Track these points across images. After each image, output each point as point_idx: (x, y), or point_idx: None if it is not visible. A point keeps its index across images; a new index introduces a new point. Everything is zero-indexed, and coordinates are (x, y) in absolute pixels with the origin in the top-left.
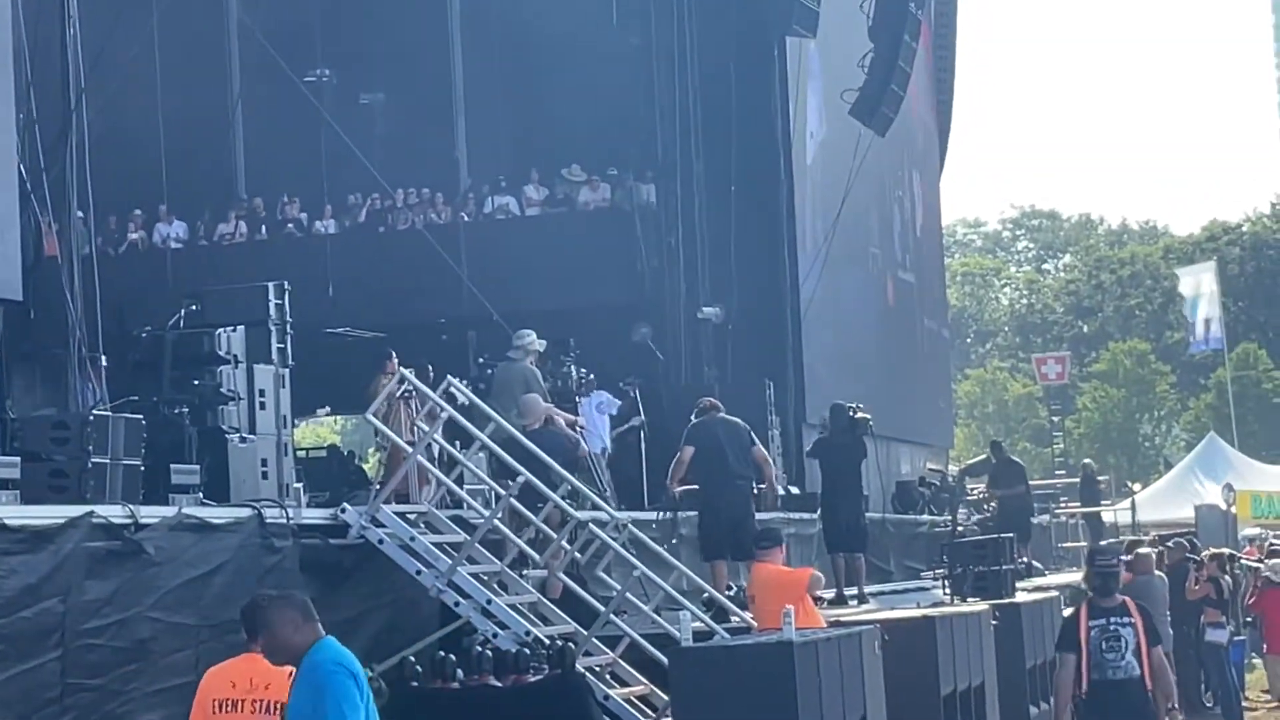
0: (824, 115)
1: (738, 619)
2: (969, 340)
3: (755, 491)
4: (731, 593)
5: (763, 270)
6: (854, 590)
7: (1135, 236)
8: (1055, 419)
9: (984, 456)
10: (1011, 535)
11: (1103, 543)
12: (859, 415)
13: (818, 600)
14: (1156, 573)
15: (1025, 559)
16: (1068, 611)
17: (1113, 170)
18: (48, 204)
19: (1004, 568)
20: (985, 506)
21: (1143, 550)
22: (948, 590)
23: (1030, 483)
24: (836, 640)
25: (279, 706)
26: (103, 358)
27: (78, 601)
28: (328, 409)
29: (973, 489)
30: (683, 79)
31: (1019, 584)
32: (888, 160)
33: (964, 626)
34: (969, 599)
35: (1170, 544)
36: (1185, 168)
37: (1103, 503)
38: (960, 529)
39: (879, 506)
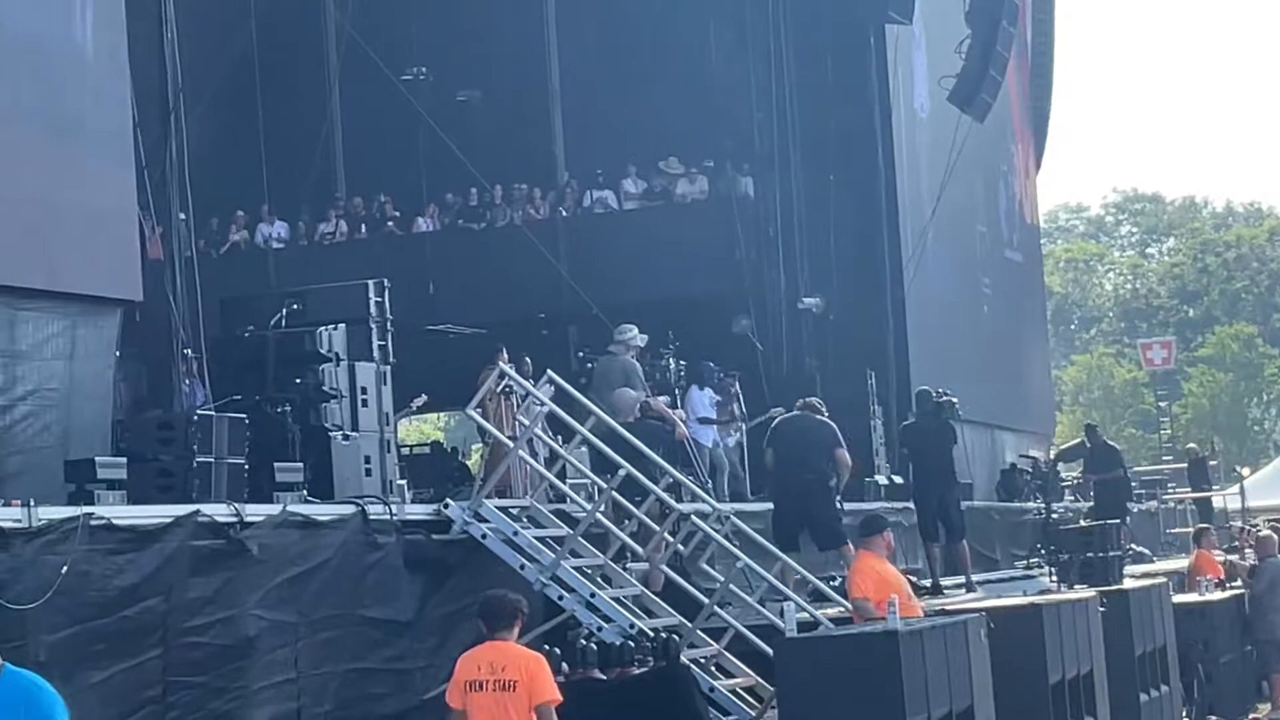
0: (931, 96)
1: (840, 609)
2: (1073, 327)
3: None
4: (835, 583)
5: (863, 259)
6: (960, 579)
7: (1240, 218)
8: (1162, 404)
9: (1078, 441)
10: (1117, 521)
11: None
12: (944, 399)
13: (916, 589)
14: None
15: (1132, 545)
16: None
17: (1217, 152)
18: (150, 207)
19: (1111, 554)
20: (1085, 493)
21: (1264, 533)
22: (1054, 578)
23: (1129, 467)
24: (942, 629)
25: (512, 684)
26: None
27: (181, 599)
28: (424, 398)
29: (1070, 476)
30: (779, 69)
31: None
32: (992, 135)
33: (1071, 614)
34: (1076, 586)
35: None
36: None
37: (1212, 488)
38: (1055, 516)
39: (984, 494)
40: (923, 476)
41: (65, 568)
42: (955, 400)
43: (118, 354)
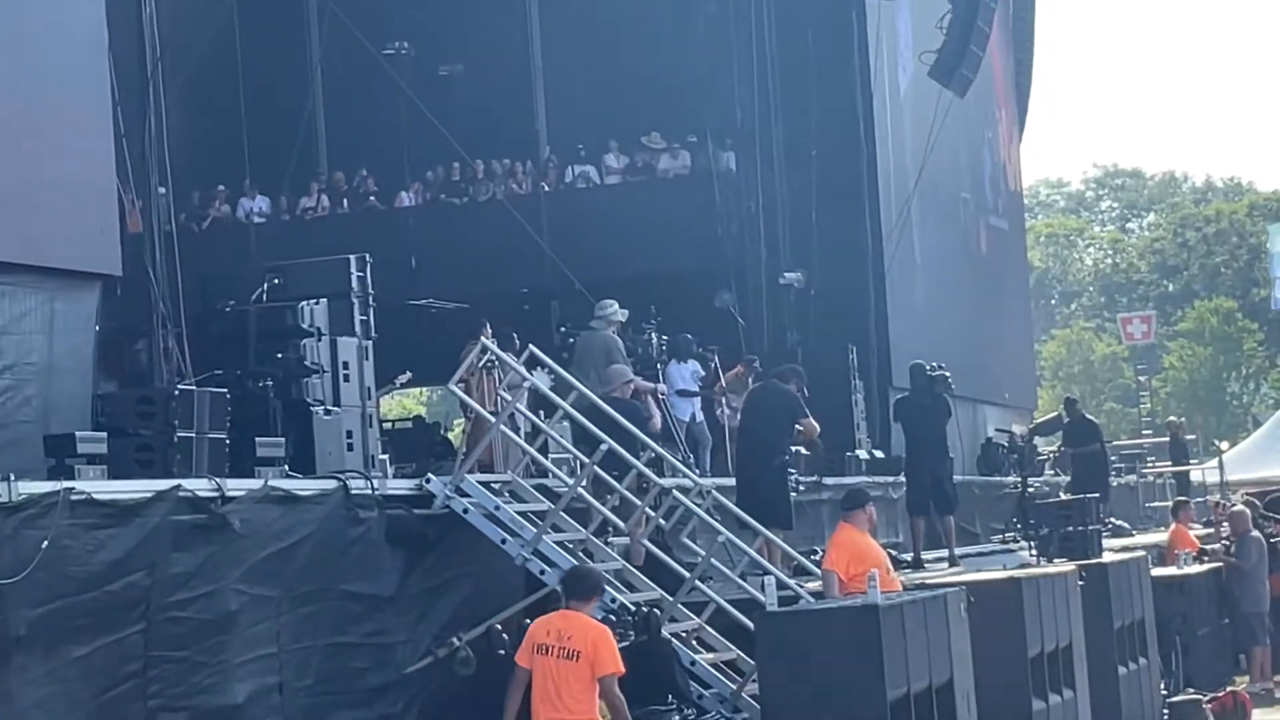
0: (914, 68)
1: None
2: (1053, 301)
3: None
4: (816, 557)
5: (844, 234)
6: (943, 553)
7: (1220, 193)
8: (1142, 379)
9: (1054, 415)
10: (1096, 495)
11: None
12: (938, 374)
13: (897, 563)
14: (1254, 532)
15: (1110, 519)
16: None
17: (1197, 127)
18: (130, 180)
19: (1090, 528)
20: (1065, 467)
21: (1237, 508)
22: (1034, 551)
23: (1108, 441)
24: (922, 603)
25: (576, 654)
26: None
27: (164, 574)
28: (408, 374)
29: (1049, 450)
30: (761, 44)
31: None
32: (976, 102)
33: (1050, 587)
34: (1055, 560)
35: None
36: (1270, 123)
37: (1190, 462)
38: (1031, 490)
39: (964, 468)
40: (915, 451)
41: (46, 543)
42: (949, 375)
43: (97, 328)
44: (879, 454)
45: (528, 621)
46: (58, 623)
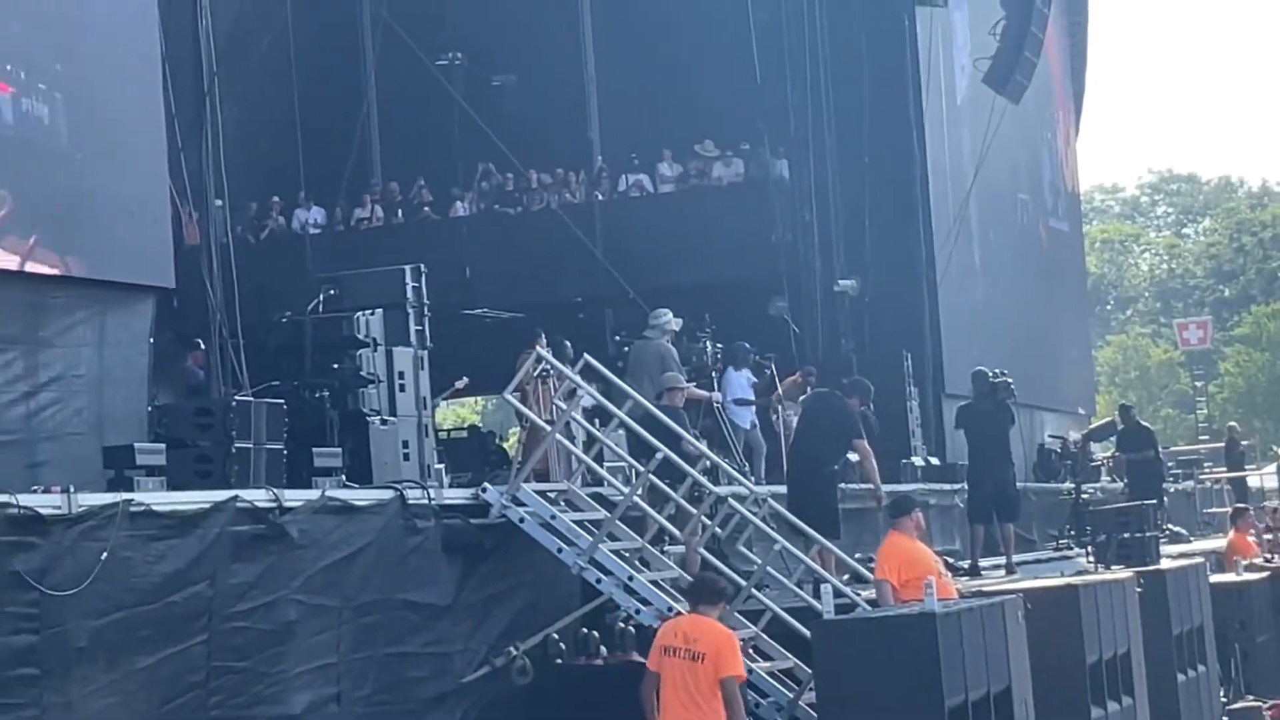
0: (971, 71)
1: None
2: (1109, 307)
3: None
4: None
5: (898, 240)
6: (999, 560)
7: (1276, 198)
8: (1198, 384)
9: (1108, 420)
10: (1154, 501)
11: None
12: (1000, 380)
13: (954, 569)
14: None
15: (1167, 526)
16: None
17: (1252, 131)
18: (187, 193)
19: (1148, 534)
20: (1120, 473)
21: None
22: (1091, 558)
23: (1164, 447)
24: (979, 610)
25: (701, 655)
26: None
27: (225, 585)
28: (465, 379)
29: (1103, 456)
30: (813, 51)
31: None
32: (1035, 100)
33: (1108, 594)
34: (1113, 567)
35: None
36: None
37: (1247, 467)
38: (1085, 496)
39: (1021, 475)
40: (978, 458)
41: (105, 554)
42: (1011, 381)
43: (151, 340)
44: (934, 461)
45: (584, 630)
46: (120, 633)
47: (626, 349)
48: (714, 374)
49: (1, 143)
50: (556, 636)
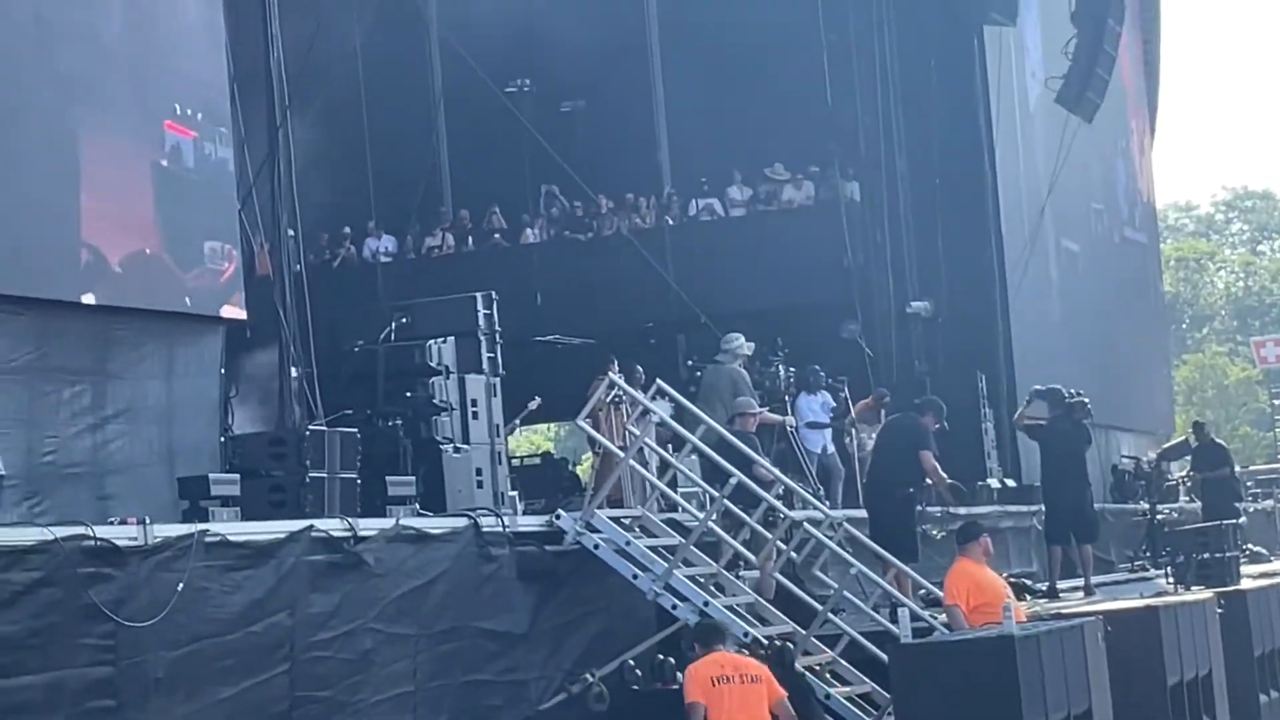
0: (1042, 90)
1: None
2: (1185, 326)
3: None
4: (923, 592)
5: (970, 260)
6: (1078, 581)
7: None
8: (1276, 402)
9: (1182, 439)
10: (1234, 521)
11: None
12: (1076, 400)
13: (1031, 591)
14: None
15: (1247, 546)
16: None
17: None
18: (259, 224)
19: (1228, 554)
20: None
21: None
22: (1171, 579)
23: (1241, 466)
24: (1058, 633)
25: (757, 678)
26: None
27: (304, 614)
28: (538, 400)
29: (1178, 476)
30: (883, 73)
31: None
32: (1109, 107)
33: (1189, 616)
34: (1193, 587)
35: None
36: None
37: None
38: (1160, 516)
39: (1098, 496)
40: (1055, 478)
41: (181, 585)
42: (1087, 400)
43: (222, 371)
44: (1010, 482)
45: (660, 657)
46: (199, 664)
47: (699, 374)
48: (787, 398)
49: None
50: (632, 663)
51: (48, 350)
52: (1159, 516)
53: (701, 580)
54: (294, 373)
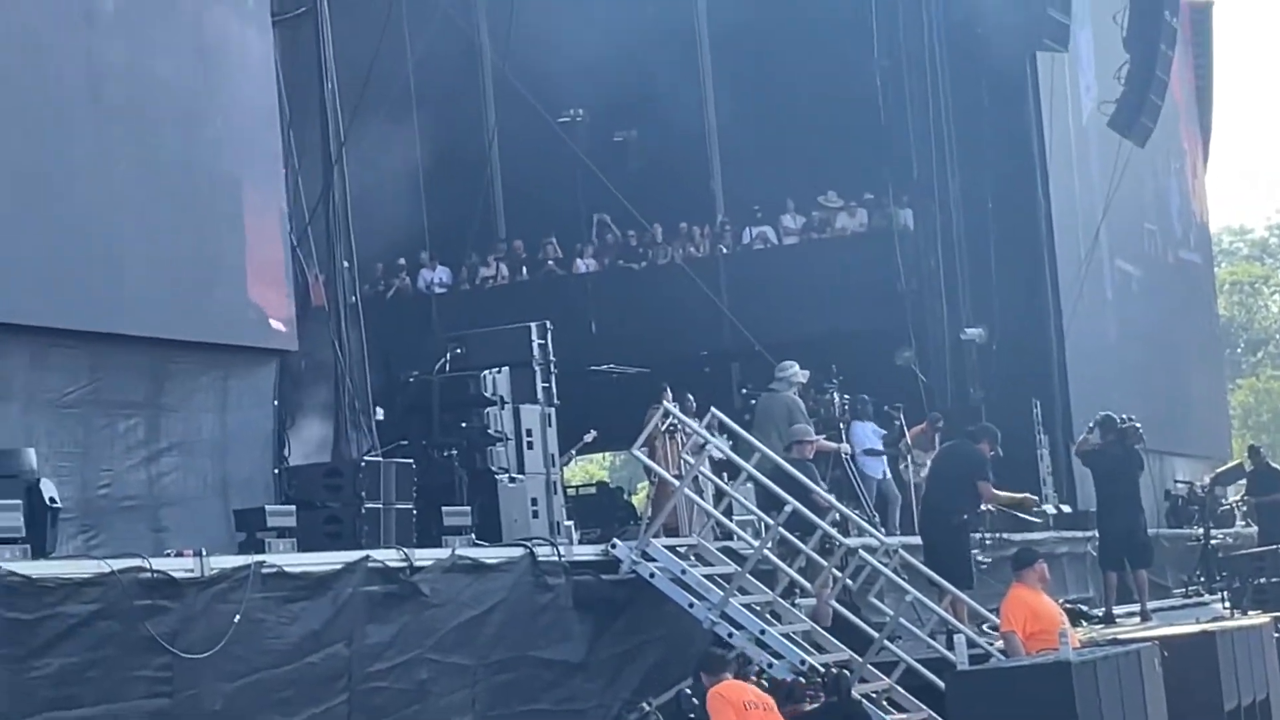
0: (1098, 100)
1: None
2: (1239, 350)
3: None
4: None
5: (1024, 286)
6: (1134, 607)
7: None
8: None
9: (1236, 463)
10: None
11: None
12: (1128, 425)
13: (1087, 617)
14: None
15: None
16: None
17: None
18: (313, 255)
19: None
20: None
21: None
22: (1227, 604)
23: None
24: (1115, 659)
25: (770, 706)
26: (375, 408)
27: (362, 645)
28: (594, 433)
29: (1234, 501)
30: (935, 99)
31: None
32: (1161, 130)
33: (1246, 641)
34: (1250, 612)
35: None
36: None
37: None
38: (1215, 541)
39: (1152, 521)
40: (1108, 504)
41: (238, 616)
42: (1139, 426)
43: (275, 403)
44: (1065, 508)
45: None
46: (256, 696)
47: (753, 402)
48: (841, 425)
49: None
50: (689, 691)
51: (101, 383)
52: (1214, 541)
53: (757, 608)
54: (349, 404)
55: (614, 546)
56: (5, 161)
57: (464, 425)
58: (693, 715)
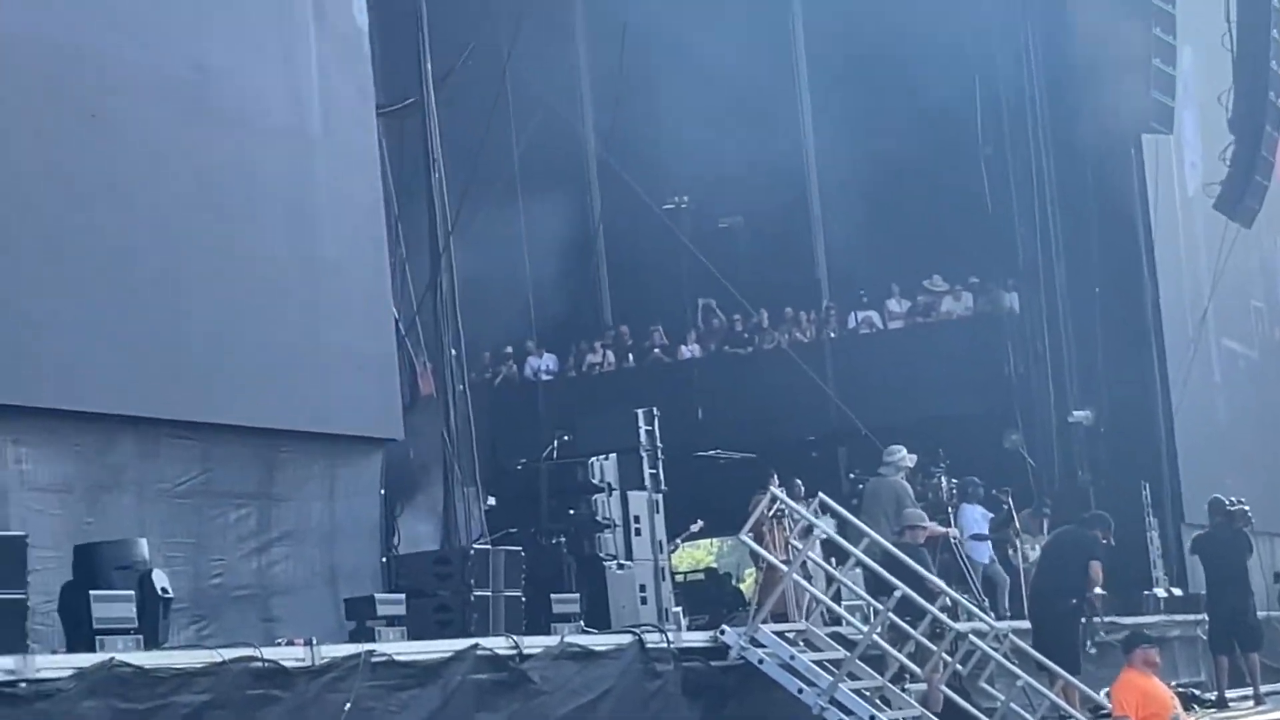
0: (1200, 193)
1: None
2: None
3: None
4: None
5: (1132, 368)
6: (1247, 691)
7: None
8: None
9: None
10: None
11: None
12: (1236, 508)
13: (1199, 701)
14: None
15: None
16: None
17: None
18: (421, 344)
19: None
20: None
21: None
22: None
23: None
24: None
25: None
26: (484, 495)
27: None
28: (700, 523)
29: None
30: (1039, 183)
31: None
32: (1269, 205)
33: None
34: None
35: None
36: None
37: None
38: None
39: (1264, 604)
40: (1216, 587)
41: (349, 705)
42: (1248, 508)
43: (383, 492)
44: (1176, 591)
45: None
46: None
47: (861, 486)
48: (950, 509)
49: None
50: None
51: (213, 473)
52: None
53: (867, 693)
54: (458, 491)
55: (722, 632)
56: (118, 255)
57: (572, 512)
58: None
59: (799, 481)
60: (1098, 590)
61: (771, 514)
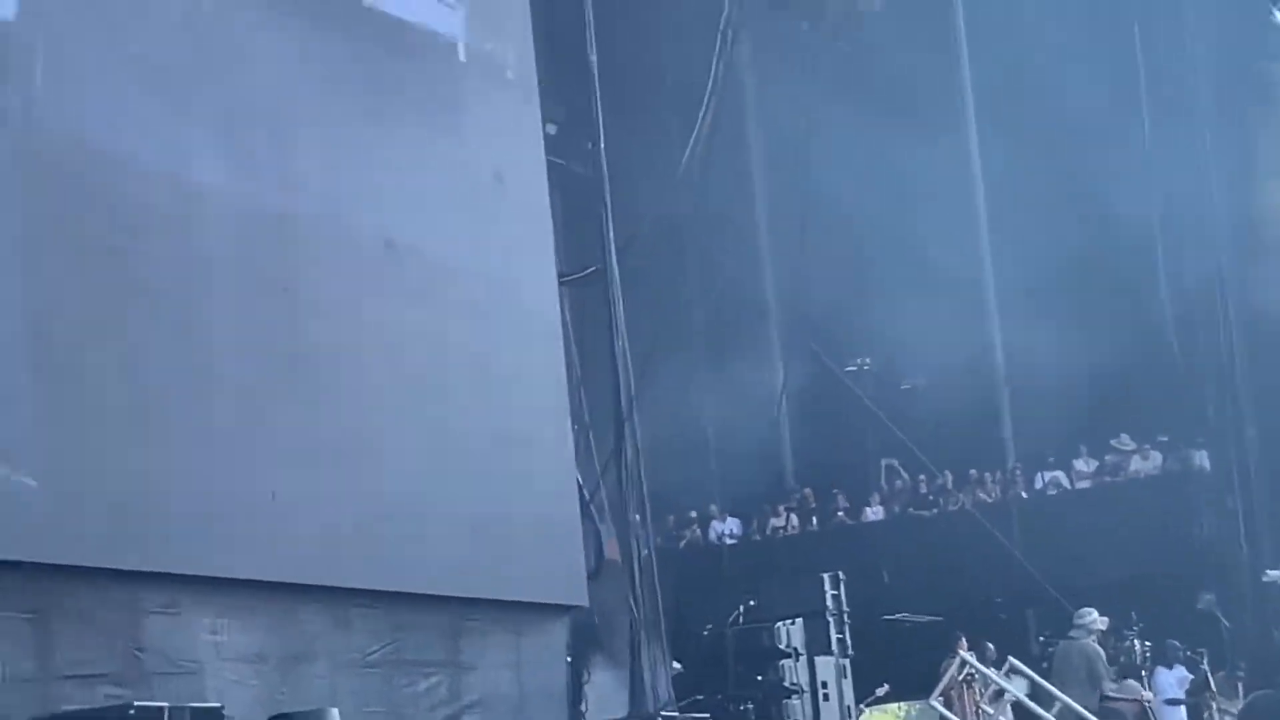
0: None
1: None
2: None
3: None
4: None
5: None
6: None
7: None
8: None
9: None
10: None
11: None
12: None
13: None
14: None
15: None
16: None
17: None
18: (605, 510)
19: None
20: None
21: None
22: None
23: None
24: None
25: None
26: (671, 661)
27: None
28: (886, 686)
29: None
30: (1227, 340)
31: None
32: None
33: None
34: None
35: None
36: None
37: None
38: None
39: None
40: None
41: None
42: None
43: (569, 660)
44: None
45: None
46: None
47: (1051, 649)
48: (1144, 673)
49: None
50: None
51: (402, 642)
52: None
53: None
54: (645, 657)
55: None
56: (308, 428)
57: (759, 677)
58: None
59: (989, 644)
60: None
61: (961, 678)
